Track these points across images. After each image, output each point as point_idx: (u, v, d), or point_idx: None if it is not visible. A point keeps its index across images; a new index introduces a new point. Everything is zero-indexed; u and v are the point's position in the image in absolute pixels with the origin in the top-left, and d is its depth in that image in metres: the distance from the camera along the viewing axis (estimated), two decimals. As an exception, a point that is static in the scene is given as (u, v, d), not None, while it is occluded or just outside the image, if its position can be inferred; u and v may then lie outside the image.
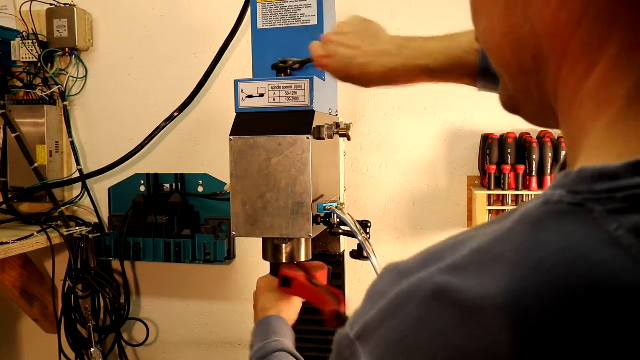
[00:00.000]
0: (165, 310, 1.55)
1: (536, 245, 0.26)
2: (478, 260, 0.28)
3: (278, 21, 0.95)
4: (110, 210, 1.51)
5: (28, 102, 1.49)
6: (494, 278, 0.26)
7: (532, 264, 0.26)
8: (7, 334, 1.67)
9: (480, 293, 0.26)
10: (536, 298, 0.25)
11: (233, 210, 0.86)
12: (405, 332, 0.29)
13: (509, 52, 0.36)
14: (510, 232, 0.28)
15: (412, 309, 0.29)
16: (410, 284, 0.30)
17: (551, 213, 0.27)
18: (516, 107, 0.40)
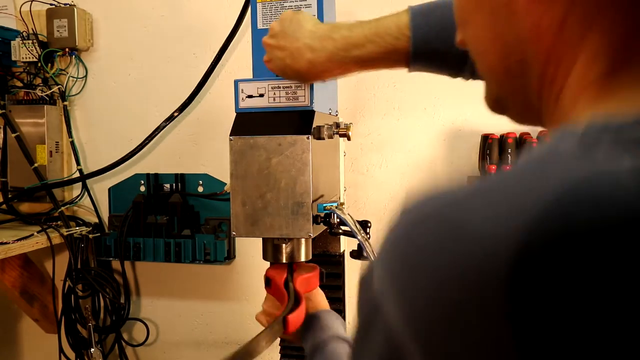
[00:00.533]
0: (165, 310, 1.55)
1: (541, 179, 0.27)
2: (484, 191, 0.30)
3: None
4: (110, 210, 1.51)
5: (28, 102, 1.49)
6: (500, 207, 0.27)
7: (538, 194, 0.26)
8: (7, 334, 1.67)
9: (486, 219, 0.27)
10: (540, 225, 0.25)
11: (233, 210, 0.86)
12: (411, 253, 0.30)
13: (496, 58, 0.38)
14: (517, 168, 0.30)
15: (419, 233, 0.30)
16: (415, 211, 0.32)
17: (557, 153, 0.28)
18: (503, 108, 0.42)
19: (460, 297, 0.26)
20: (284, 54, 0.76)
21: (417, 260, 0.29)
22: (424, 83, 1.34)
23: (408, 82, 1.34)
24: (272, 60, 0.79)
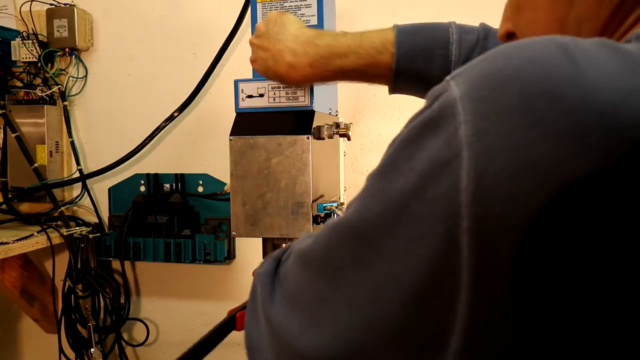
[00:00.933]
0: (165, 310, 1.55)
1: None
2: (599, 44, 0.29)
3: (278, 21, 0.95)
4: (110, 210, 1.51)
5: (28, 102, 1.49)
6: (610, 60, 0.28)
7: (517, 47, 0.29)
8: (7, 334, 1.67)
9: (596, 65, 0.27)
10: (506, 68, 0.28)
11: (233, 210, 0.86)
12: (511, 64, 0.29)
13: None
14: (630, 44, 0.31)
15: (526, 50, 0.29)
16: (527, 40, 0.31)
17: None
18: None
19: (545, 113, 0.27)
20: (266, 55, 0.76)
21: (517, 71, 0.29)
22: (424, 83, 1.34)
23: (408, 82, 1.34)
24: (256, 60, 0.80)
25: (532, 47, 0.29)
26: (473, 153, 0.27)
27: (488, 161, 0.27)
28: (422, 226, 0.29)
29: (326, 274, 0.35)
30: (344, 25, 1.33)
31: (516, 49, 0.29)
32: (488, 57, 0.30)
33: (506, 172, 0.26)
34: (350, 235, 0.34)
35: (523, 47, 0.29)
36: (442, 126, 0.29)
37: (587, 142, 0.25)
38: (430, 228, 0.29)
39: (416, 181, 0.30)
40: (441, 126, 0.29)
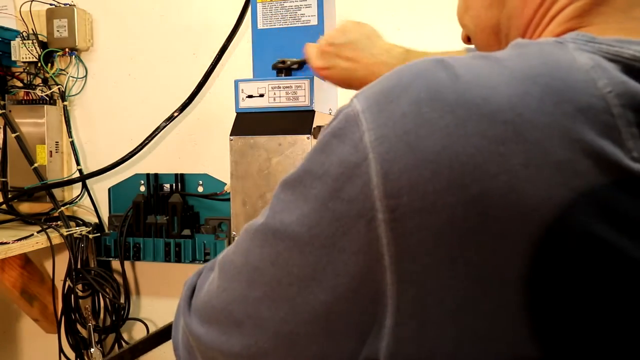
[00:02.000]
0: (165, 310, 1.55)
1: (520, 53, 0.34)
2: (473, 57, 0.35)
3: (278, 21, 0.95)
4: (110, 210, 1.51)
5: (28, 102, 1.49)
6: (484, 68, 0.33)
7: (514, 60, 0.33)
8: (7, 334, 1.67)
9: (473, 73, 0.33)
10: (510, 78, 0.32)
11: (233, 210, 0.86)
12: (400, 81, 0.34)
13: (492, 34, 0.47)
14: (505, 50, 0.36)
15: (414, 69, 0.34)
16: (418, 60, 0.35)
17: (537, 43, 0.35)
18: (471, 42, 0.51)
19: (436, 117, 0.31)
20: (354, 65, 0.76)
21: (405, 83, 0.33)
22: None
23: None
24: (334, 69, 0.78)
25: (418, 65, 0.34)
26: (378, 155, 0.32)
27: (391, 160, 0.31)
28: (344, 223, 0.33)
29: (247, 275, 0.38)
30: (344, 25, 1.33)
31: (407, 67, 0.35)
32: (385, 76, 0.35)
33: (407, 166, 0.31)
34: (272, 237, 0.37)
35: (412, 66, 0.35)
36: (348, 134, 0.34)
37: (465, 129, 0.30)
38: (351, 224, 0.33)
39: (332, 184, 0.34)
40: (347, 134, 0.34)
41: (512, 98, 0.31)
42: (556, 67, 0.32)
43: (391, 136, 0.32)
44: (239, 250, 0.40)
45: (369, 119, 0.33)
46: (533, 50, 0.34)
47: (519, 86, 0.31)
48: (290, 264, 0.35)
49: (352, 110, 0.35)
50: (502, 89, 0.31)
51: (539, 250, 0.29)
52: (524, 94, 0.31)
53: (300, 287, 0.35)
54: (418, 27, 1.32)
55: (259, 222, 0.39)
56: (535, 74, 0.32)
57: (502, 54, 0.35)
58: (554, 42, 0.36)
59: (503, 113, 0.30)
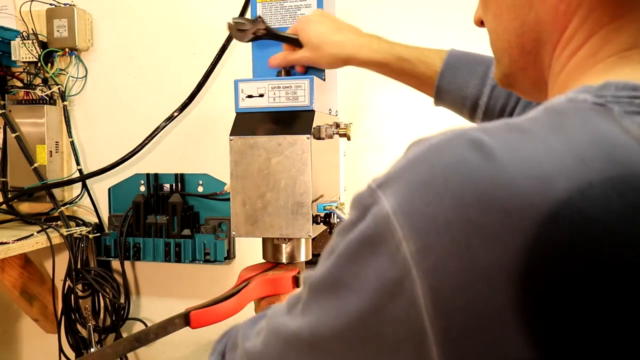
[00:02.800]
0: (165, 310, 1.55)
1: (562, 126, 0.30)
2: (506, 129, 0.31)
3: (278, 21, 0.95)
4: (110, 210, 1.51)
5: (28, 102, 1.49)
6: (520, 143, 0.29)
7: (560, 138, 0.29)
8: (7, 334, 1.67)
9: (515, 154, 0.29)
10: (564, 164, 0.28)
11: (233, 210, 0.86)
12: (434, 175, 0.29)
13: (513, 35, 0.43)
14: (537, 116, 0.32)
15: (445, 156, 0.30)
16: (441, 139, 0.31)
17: (575, 108, 0.32)
18: (511, 84, 0.47)
19: (484, 221, 0.28)
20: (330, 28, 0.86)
21: (445, 179, 0.29)
22: (424, 83, 1.34)
23: (408, 82, 1.34)
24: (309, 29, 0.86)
25: (448, 150, 0.30)
26: (423, 271, 0.28)
27: (439, 276, 0.28)
28: (388, 346, 0.30)
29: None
30: (344, 25, 1.33)
31: (434, 154, 0.30)
32: (409, 165, 0.31)
33: (460, 284, 0.27)
34: (307, 348, 0.35)
35: (440, 152, 0.30)
36: (382, 244, 0.30)
37: (525, 237, 0.26)
38: (396, 347, 0.30)
39: (371, 301, 0.30)
40: (381, 244, 0.30)
41: (573, 194, 0.27)
42: (609, 147, 0.28)
43: (437, 248, 0.28)
44: (269, 357, 0.39)
45: (405, 224, 0.29)
46: (575, 122, 0.30)
47: (575, 176, 0.27)
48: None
49: (381, 211, 0.31)
50: (557, 181, 0.27)
51: None
52: (584, 187, 0.27)
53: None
54: (418, 27, 1.32)
55: (289, 327, 0.36)
56: (589, 158, 0.28)
57: (539, 124, 0.31)
58: (593, 105, 0.31)
59: (566, 216, 0.26)
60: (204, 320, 0.80)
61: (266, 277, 0.87)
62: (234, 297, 0.83)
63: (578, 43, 0.38)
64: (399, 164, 0.32)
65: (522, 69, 0.44)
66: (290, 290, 0.87)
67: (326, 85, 0.95)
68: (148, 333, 0.77)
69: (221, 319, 0.82)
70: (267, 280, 0.87)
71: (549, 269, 0.26)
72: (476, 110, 0.78)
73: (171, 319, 0.78)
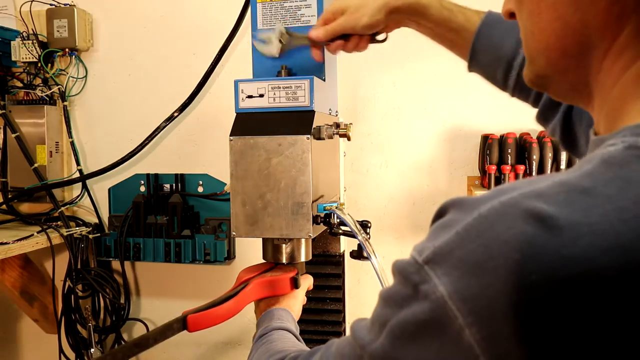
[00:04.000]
0: (165, 310, 1.55)
1: (629, 181, 0.27)
2: (565, 191, 0.28)
3: (278, 21, 0.95)
4: (110, 211, 1.51)
5: (28, 102, 1.49)
6: (587, 208, 0.26)
7: (628, 198, 0.26)
8: (7, 334, 1.67)
9: (579, 220, 0.26)
10: (636, 227, 0.25)
11: (233, 210, 0.86)
12: (490, 253, 0.27)
13: (554, 37, 0.37)
14: (596, 171, 0.29)
15: (501, 230, 0.27)
16: (492, 208, 0.29)
17: (637, 156, 0.28)
18: (545, 85, 0.42)
19: (550, 300, 0.26)
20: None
21: (503, 257, 0.27)
22: (424, 83, 1.34)
23: (408, 82, 1.34)
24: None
25: (504, 224, 0.28)
26: (490, 357, 0.27)
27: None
28: None
29: None
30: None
31: (487, 228, 0.28)
32: (459, 240, 0.29)
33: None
34: None
35: (494, 225, 0.28)
36: (442, 330, 0.29)
37: (603, 314, 0.25)
38: None
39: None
40: (440, 330, 0.29)
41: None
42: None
43: (505, 334, 0.26)
44: None
45: (464, 310, 0.28)
46: (638, 175, 0.27)
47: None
48: None
49: (435, 293, 0.29)
50: (630, 250, 0.25)
51: None
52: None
53: None
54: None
55: None
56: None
57: (601, 181, 0.28)
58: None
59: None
60: (201, 324, 0.80)
61: (264, 279, 0.87)
62: (231, 299, 0.83)
63: (635, 53, 0.34)
64: (446, 236, 0.30)
65: (561, 72, 0.39)
66: (288, 291, 0.87)
67: (326, 85, 0.95)
68: (147, 339, 0.77)
69: (219, 322, 0.82)
70: (265, 281, 0.87)
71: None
72: (509, 73, 0.73)
73: (169, 324, 0.78)
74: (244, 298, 0.84)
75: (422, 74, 1.34)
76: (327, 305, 1.14)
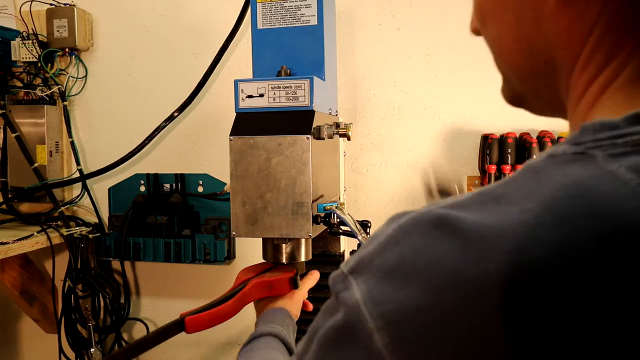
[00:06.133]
0: (165, 310, 1.55)
1: (539, 184, 0.27)
2: (480, 200, 0.29)
3: (278, 21, 0.95)
4: (110, 210, 1.51)
5: (28, 102, 1.49)
6: (496, 212, 0.27)
7: (534, 198, 0.27)
8: (7, 334, 1.67)
9: (482, 222, 0.27)
10: (540, 226, 0.25)
11: (233, 210, 0.86)
12: (402, 260, 0.28)
13: (520, 58, 0.37)
14: (513, 179, 0.29)
15: (412, 238, 0.29)
16: (410, 217, 0.30)
17: (555, 163, 0.29)
18: (522, 104, 0.42)
19: (454, 302, 0.26)
20: None
21: (412, 263, 0.28)
22: (424, 83, 1.34)
23: (408, 82, 1.34)
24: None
25: (415, 231, 0.29)
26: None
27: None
28: None
29: None
30: (343, 24, 1.33)
31: (401, 236, 0.29)
32: (379, 249, 0.30)
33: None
34: None
35: (407, 233, 0.29)
36: (354, 334, 0.29)
37: (501, 319, 0.25)
38: None
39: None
40: (353, 334, 0.30)
41: (555, 261, 0.25)
42: (592, 199, 0.26)
43: (411, 338, 0.27)
44: None
45: (375, 314, 0.28)
46: (553, 178, 0.27)
47: (555, 240, 0.25)
48: None
49: (351, 299, 0.30)
50: (533, 250, 0.25)
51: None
52: (566, 251, 0.25)
53: None
54: (418, 27, 1.32)
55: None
56: (568, 215, 0.25)
57: (514, 187, 0.28)
58: (573, 156, 0.28)
59: (549, 287, 0.24)
60: (199, 325, 0.80)
61: (262, 279, 0.87)
62: (230, 300, 0.83)
63: (598, 67, 0.33)
64: (370, 246, 0.31)
65: (534, 92, 0.39)
66: (287, 291, 0.87)
67: (326, 85, 0.95)
68: (145, 342, 0.77)
69: (217, 323, 0.82)
70: (263, 282, 0.87)
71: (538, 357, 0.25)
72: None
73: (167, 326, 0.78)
74: (242, 299, 0.85)
75: (422, 74, 1.34)
76: (327, 305, 1.14)
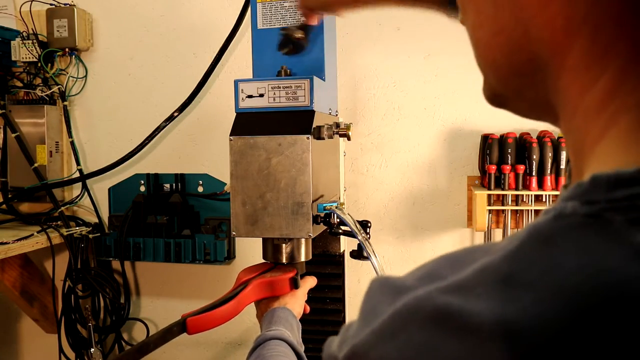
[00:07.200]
0: (165, 310, 1.55)
1: (550, 265, 0.23)
2: (484, 282, 0.25)
3: (278, 21, 0.95)
4: (110, 210, 1.51)
5: (28, 102, 1.49)
6: (504, 301, 0.23)
7: (548, 286, 0.23)
8: (7, 334, 1.67)
9: (492, 317, 0.23)
10: (557, 323, 0.22)
11: (233, 210, 0.86)
12: (403, 356, 0.26)
13: (499, 53, 0.33)
14: (520, 251, 0.25)
15: (411, 333, 0.26)
16: (406, 304, 0.26)
17: (565, 228, 0.24)
18: (503, 104, 0.37)
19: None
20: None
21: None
22: (424, 83, 1.34)
23: (408, 82, 1.34)
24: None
25: (416, 326, 0.26)
26: None
27: None
28: None
29: None
30: (343, 24, 1.33)
31: (400, 329, 0.26)
32: (376, 341, 0.28)
33: None
34: None
35: (407, 327, 0.26)
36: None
37: None
38: None
39: None
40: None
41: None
42: (609, 287, 0.21)
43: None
44: None
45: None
46: (567, 253, 0.23)
47: (562, 333, 0.21)
48: None
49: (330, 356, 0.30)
50: (544, 349, 0.21)
51: None
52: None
53: None
54: (418, 27, 1.32)
55: None
56: (585, 306, 0.21)
57: (522, 262, 0.24)
58: (585, 219, 0.24)
59: None
60: (201, 326, 0.80)
61: (263, 280, 0.87)
62: (231, 300, 0.83)
63: (594, 74, 0.28)
64: (366, 330, 0.28)
65: (515, 91, 0.34)
66: (288, 291, 0.87)
67: (326, 85, 0.95)
68: (147, 344, 0.78)
69: (218, 324, 0.82)
70: (264, 282, 0.87)
71: None
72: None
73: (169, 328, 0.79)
74: (243, 299, 0.85)
75: (422, 74, 1.34)
76: (327, 305, 1.14)
